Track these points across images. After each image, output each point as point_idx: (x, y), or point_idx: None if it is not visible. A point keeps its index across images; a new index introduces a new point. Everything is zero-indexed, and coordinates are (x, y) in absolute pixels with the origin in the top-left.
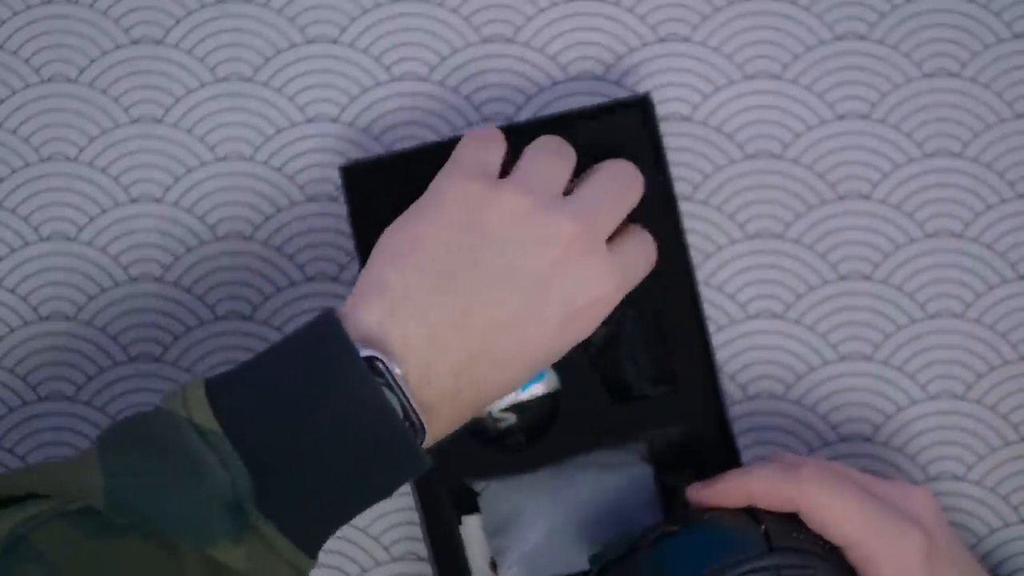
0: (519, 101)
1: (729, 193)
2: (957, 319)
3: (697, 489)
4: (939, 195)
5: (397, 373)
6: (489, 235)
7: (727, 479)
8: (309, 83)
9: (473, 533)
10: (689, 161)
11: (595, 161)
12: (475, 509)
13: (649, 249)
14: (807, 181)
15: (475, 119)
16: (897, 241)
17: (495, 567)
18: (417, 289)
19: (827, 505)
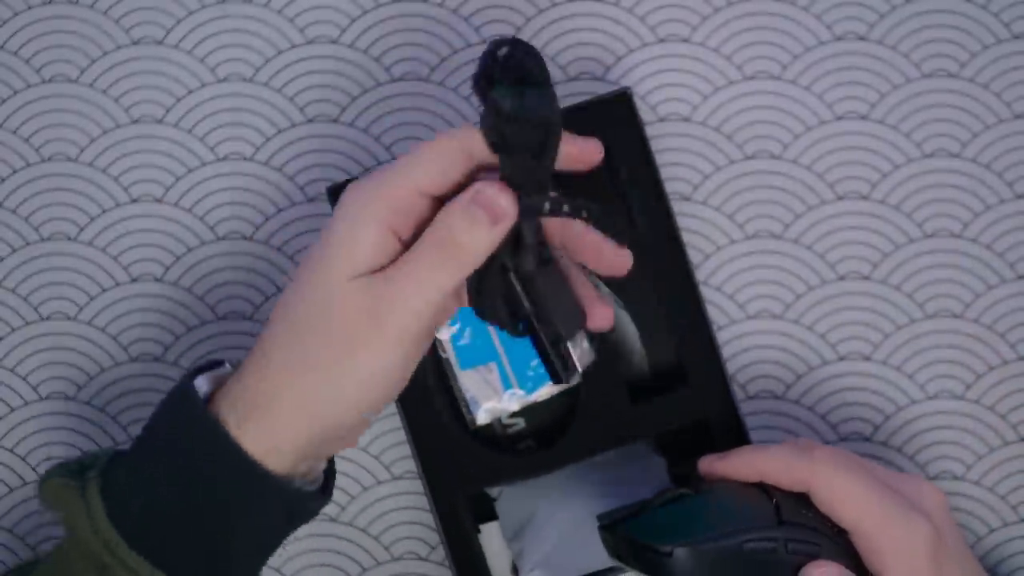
0: None
1: (728, 193)
2: (956, 319)
3: (710, 461)
4: (938, 195)
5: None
6: None
7: (740, 453)
8: (309, 83)
9: (493, 540)
10: (688, 161)
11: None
12: (493, 516)
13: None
14: (806, 181)
15: (475, 119)
16: (896, 241)
17: (516, 572)
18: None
19: (838, 487)
